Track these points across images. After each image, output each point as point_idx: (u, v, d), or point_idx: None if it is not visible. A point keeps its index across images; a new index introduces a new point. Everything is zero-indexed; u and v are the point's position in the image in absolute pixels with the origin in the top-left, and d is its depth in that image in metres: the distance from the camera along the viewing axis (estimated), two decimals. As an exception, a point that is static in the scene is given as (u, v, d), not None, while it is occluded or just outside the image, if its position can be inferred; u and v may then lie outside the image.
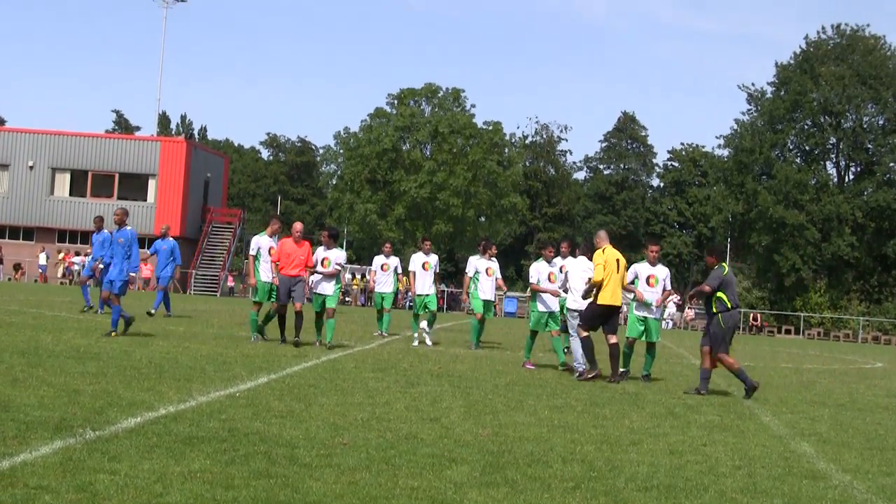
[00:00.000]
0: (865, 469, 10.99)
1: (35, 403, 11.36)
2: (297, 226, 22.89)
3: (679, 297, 70.91)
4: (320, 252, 22.85)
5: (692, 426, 13.46)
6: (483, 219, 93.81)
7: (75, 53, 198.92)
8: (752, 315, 73.39)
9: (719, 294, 18.13)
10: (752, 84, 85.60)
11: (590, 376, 19.13)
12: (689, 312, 74.25)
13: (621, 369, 19.93)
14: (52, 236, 75.42)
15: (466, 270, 26.18)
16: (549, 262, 21.81)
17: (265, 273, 23.34)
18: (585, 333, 19.54)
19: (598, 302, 19.45)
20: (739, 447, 11.85)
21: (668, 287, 20.67)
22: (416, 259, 27.11)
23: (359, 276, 74.56)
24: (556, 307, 21.54)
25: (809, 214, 76.95)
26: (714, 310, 18.22)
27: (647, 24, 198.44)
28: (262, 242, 23.59)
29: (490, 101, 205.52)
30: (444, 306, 67.82)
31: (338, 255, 22.82)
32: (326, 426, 11.21)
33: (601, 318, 19.60)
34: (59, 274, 72.38)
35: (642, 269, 20.55)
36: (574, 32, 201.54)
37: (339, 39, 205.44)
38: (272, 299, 23.36)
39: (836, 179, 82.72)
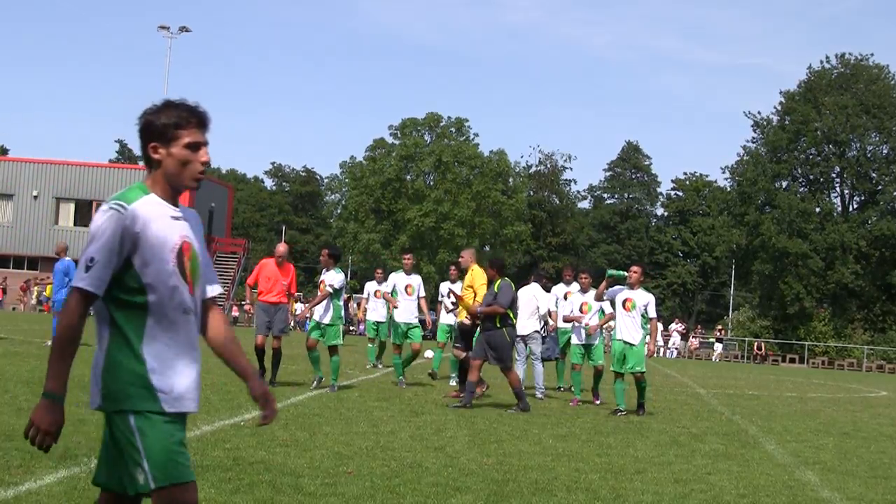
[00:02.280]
0: (870, 498, 10.97)
1: (40, 433, 11.35)
2: (281, 248, 20.50)
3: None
4: (323, 274, 19.74)
5: (697, 455, 13.44)
6: (487, 248, 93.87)
7: (79, 83, 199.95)
8: (756, 344, 73.23)
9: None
10: (759, 112, 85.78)
11: (456, 396, 19.10)
12: (694, 342, 74.15)
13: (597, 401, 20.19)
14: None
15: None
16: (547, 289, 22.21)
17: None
18: (463, 354, 19.54)
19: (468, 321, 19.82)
20: (744, 476, 11.83)
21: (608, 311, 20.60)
22: (398, 280, 23.02)
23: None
24: (582, 339, 21.10)
25: (813, 243, 76.93)
26: (498, 324, 17.97)
27: (651, 55, 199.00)
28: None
29: (494, 132, 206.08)
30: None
31: (333, 278, 19.38)
32: (331, 455, 11.21)
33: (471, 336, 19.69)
34: (34, 301, 71.59)
35: (575, 296, 21.28)
36: (577, 63, 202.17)
37: (344, 69, 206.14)
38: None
39: (839, 208, 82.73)
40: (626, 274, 18.80)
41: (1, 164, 79.16)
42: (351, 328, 65.32)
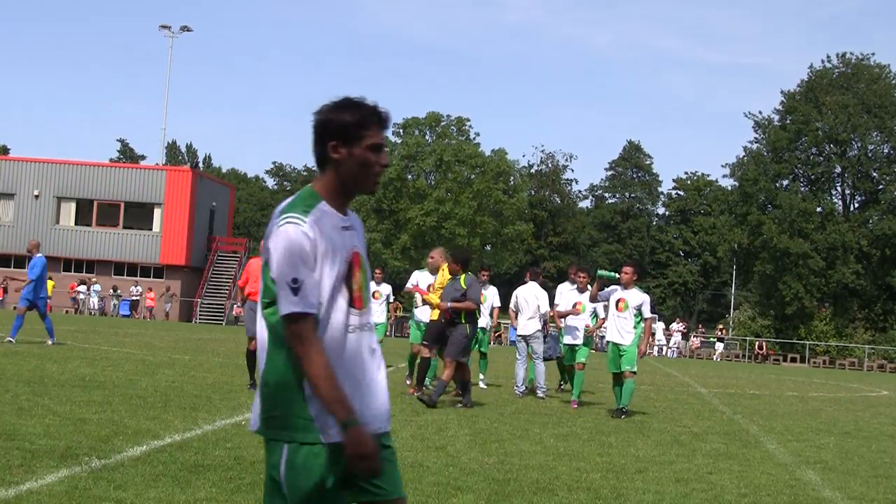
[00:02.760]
0: (871, 497, 10.98)
1: (41, 432, 11.37)
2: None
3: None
4: None
5: (698, 454, 13.45)
6: (488, 247, 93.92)
7: (80, 82, 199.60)
8: (757, 343, 73.23)
9: None
10: (760, 112, 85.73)
11: (416, 394, 18.54)
12: (695, 341, 74.14)
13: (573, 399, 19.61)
14: (57, 265, 75.40)
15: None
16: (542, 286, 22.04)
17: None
18: (428, 354, 19.00)
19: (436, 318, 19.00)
20: (745, 475, 11.84)
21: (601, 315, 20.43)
22: (422, 279, 21.30)
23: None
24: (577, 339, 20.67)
25: (814, 243, 76.93)
26: (463, 319, 17.86)
27: (652, 54, 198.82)
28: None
29: (494, 131, 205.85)
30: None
31: None
32: (332, 454, 11.19)
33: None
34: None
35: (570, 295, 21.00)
36: (578, 62, 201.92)
37: (344, 69, 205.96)
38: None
39: (840, 208, 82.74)
40: (616, 275, 18.69)
41: (2, 164, 79.05)
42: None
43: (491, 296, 22.57)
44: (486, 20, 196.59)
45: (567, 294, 21.08)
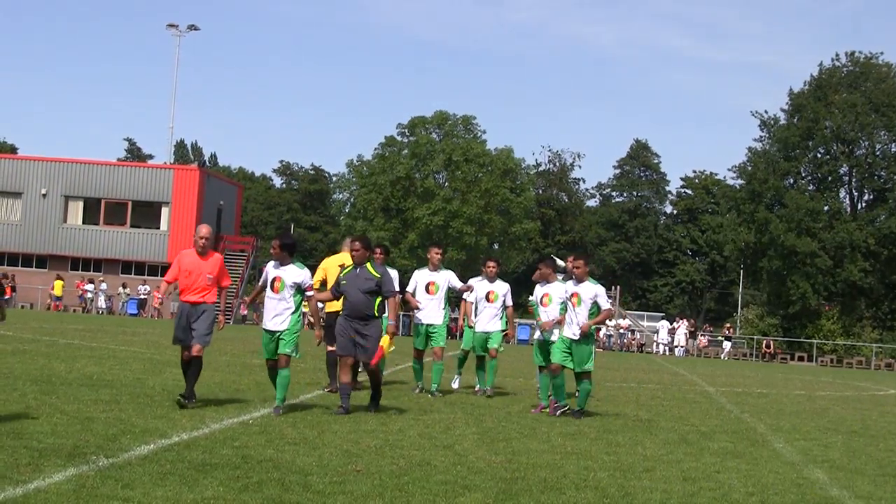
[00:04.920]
0: (878, 496, 10.96)
1: (48, 431, 11.39)
2: (203, 230, 15.53)
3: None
4: (270, 269, 15.38)
5: (705, 453, 13.43)
6: (496, 246, 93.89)
7: (88, 81, 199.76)
8: (764, 342, 73.14)
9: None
10: (766, 111, 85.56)
11: (328, 390, 18.20)
12: (703, 340, 74.06)
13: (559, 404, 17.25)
14: (65, 264, 75.54)
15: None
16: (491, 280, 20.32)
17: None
18: (332, 348, 17.61)
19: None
20: (752, 474, 11.83)
21: (509, 303, 20.19)
22: (420, 277, 20.16)
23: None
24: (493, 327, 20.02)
25: (822, 242, 76.79)
26: (376, 313, 17.11)
27: (659, 53, 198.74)
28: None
29: (502, 130, 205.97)
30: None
31: (296, 275, 15.20)
32: (339, 453, 11.22)
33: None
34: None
35: (480, 285, 20.24)
36: (585, 61, 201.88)
37: (352, 68, 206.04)
38: None
39: (848, 207, 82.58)
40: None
41: (10, 163, 79.25)
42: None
43: (503, 293, 20.30)
44: (493, 19, 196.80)
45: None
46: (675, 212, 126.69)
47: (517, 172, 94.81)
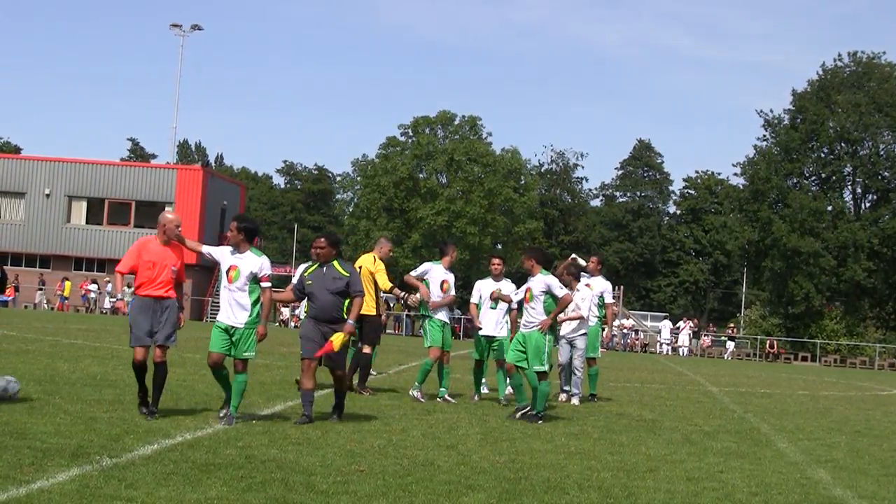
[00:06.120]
0: (882, 496, 10.96)
1: (52, 431, 11.39)
2: (168, 217, 13.83)
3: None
4: (226, 255, 13.76)
5: (709, 453, 13.43)
6: (499, 246, 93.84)
7: (91, 81, 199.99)
8: (768, 342, 73.10)
9: None
10: (771, 111, 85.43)
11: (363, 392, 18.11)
12: (706, 340, 74.04)
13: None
14: (68, 264, 75.57)
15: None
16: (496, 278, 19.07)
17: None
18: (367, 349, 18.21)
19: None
20: (756, 474, 11.83)
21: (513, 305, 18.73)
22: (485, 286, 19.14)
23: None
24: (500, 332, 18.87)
25: (825, 242, 76.75)
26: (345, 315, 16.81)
27: (662, 53, 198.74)
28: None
29: (505, 130, 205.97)
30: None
31: (253, 264, 13.63)
32: (343, 453, 11.22)
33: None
34: None
35: (484, 284, 18.93)
36: (588, 61, 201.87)
37: (355, 68, 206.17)
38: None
39: (852, 207, 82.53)
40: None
41: (13, 163, 79.27)
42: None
43: (508, 292, 18.67)
44: (497, 19, 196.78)
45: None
46: (678, 212, 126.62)
47: (521, 172, 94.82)
